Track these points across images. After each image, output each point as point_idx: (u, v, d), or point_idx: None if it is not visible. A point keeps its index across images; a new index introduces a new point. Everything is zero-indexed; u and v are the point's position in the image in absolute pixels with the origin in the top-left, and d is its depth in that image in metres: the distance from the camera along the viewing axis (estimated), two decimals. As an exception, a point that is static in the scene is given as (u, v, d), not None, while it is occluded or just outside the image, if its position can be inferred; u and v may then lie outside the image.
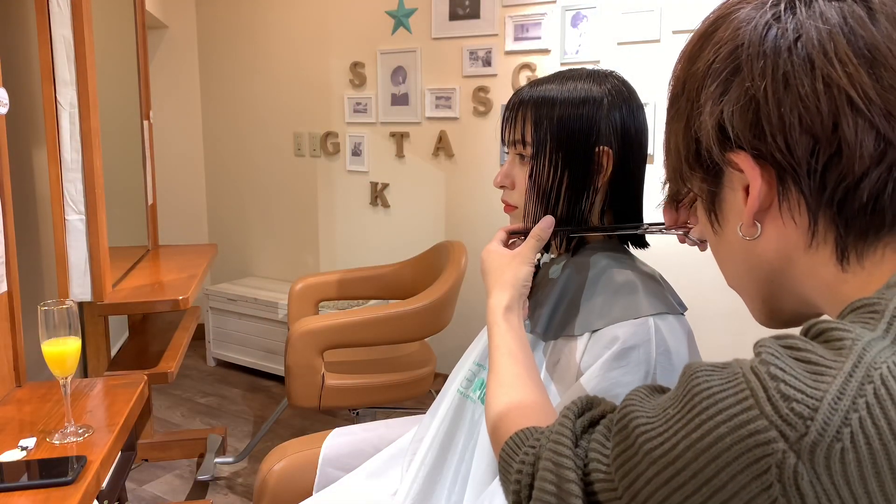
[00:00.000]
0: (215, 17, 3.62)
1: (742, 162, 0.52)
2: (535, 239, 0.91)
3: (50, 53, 1.75)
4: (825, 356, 0.43)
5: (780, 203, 0.52)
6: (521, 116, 0.96)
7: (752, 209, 0.53)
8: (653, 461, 0.48)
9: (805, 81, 0.48)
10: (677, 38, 2.46)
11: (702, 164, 0.56)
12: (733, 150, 0.52)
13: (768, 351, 0.44)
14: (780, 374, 0.43)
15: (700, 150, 0.55)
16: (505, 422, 0.71)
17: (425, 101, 3.04)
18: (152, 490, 2.34)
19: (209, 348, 3.48)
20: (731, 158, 0.52)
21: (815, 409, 0.41)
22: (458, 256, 2.38)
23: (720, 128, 0.52)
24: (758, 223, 0.54)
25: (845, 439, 0.40)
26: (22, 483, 1.08)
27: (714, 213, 0.58)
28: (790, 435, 0.41)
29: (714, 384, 0.45)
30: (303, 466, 1.28)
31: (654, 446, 0.48)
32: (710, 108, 0.53)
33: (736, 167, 0.52)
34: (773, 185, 0.51)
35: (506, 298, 0.87)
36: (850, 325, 0.44)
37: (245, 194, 3.70)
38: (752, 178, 0.51)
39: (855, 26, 0.48)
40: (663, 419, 0.48)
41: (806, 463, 0.41)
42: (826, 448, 0.40)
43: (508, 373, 0.79)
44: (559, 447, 0.58)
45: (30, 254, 2.05)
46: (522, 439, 0.65)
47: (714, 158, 0.54)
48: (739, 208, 0.54)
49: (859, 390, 0.41)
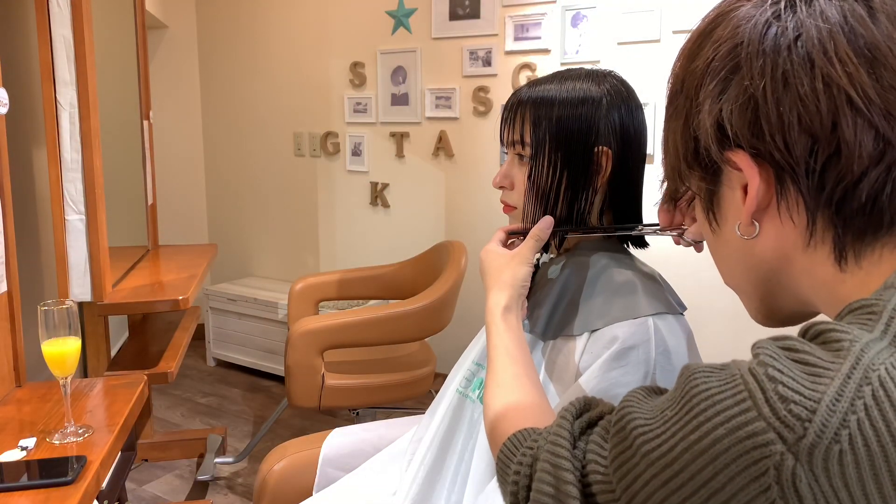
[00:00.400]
0: (215, 17, 3.62)
1: (740, 161, 0.51)
2: (534, 239, 0.91)
3: (50, 53, 1.75)
4: (823, 358, 0.43)
5: (779, 202, 0.52)
6: (519, 117, 0.96)
7: (750, 208, 0.52)
8: (651, 463, 0.47)
9: (804, 80, 0.48)
10: (677, 38, 2.46)
11: (700, 162, 0.55)
12: (732, 148, 0.52)
13: (766, 352, 0.44)
14: (778, 375, 0.42)
15: (698, 148, 0.55)
16: (503, 422, 0.71)
17: (425, 101, 3.04)
18: (152, 490, 2.34)
19: (209, 348, 3.48)
20: (730, 157, 0.52)
21: (813, 411, 0.41)
22: (458, 256, 2.38)
23: (719, 126, 0.52)
24: (756, 222, 0.53)
25: (843, 441, 0.40)
26: (22, 483, 1.08)
27: (712, 211, 0.58)
28: (788, 437, 0.41)
29: (712, 386, 0.45)
30: (303, 466, 1.28)
31: (652, 448, 0.47)
32: (708, 107, 0.52)
33: (734, 166, 0.52)
34: (771, 184, 0.51)
35: (504, 298, 0.87)
36: (848, 326, 0.44)
37: (245, 194, 3.70)
38: (751, 177, 0.51)
39: (855, 25, 0.48)
40: (661, 420, 0.48)
41: (804, 465, 0.40)
42: (824, 450, 0.40)
43: (506, 373, 0.79)
44: (557, 448, 0.58)
45: (30, 254, 2.05)
46: (520, 440, 0.65)
47: (712, 157, 0.54)
48: (738, 207, 0.54)
49: (857, 392, 0.40)
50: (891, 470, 0.40)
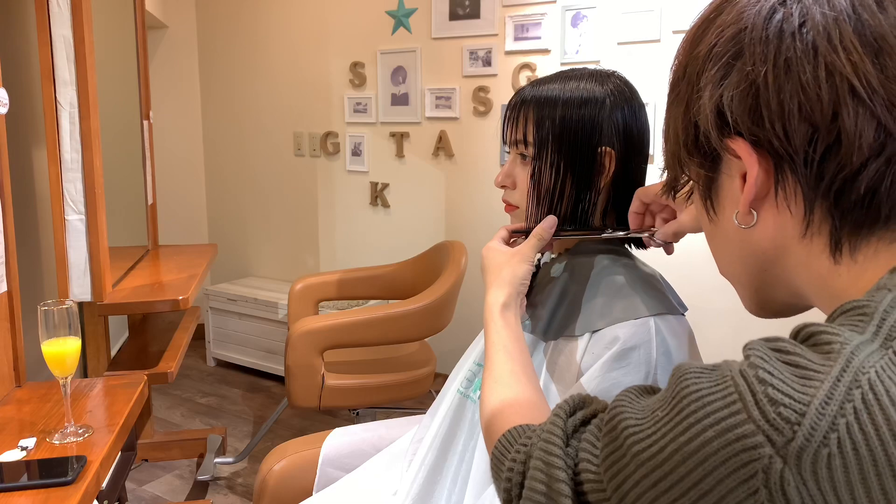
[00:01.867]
0: (215, 17, 3.62)
1: (739, 149, 0.51)
2: (536, 238, 0.91)
3: (50, 53, 1.75)
4: (814, 360, 0.42)
5: (777, 192, 0.51)
6: (522, 116, 0.96)
7: (748, 197, 0.52)
8: (641, 463, 0.47)
9: (807, 68, 0.48)
10: (677, 38, 2.46)
11: (700, 149, 0.55)
12: (731, 136, 0.51)
13: (757, 354, 0.44)
14: (768, 377, 0.42)
15: (698, 135, 0.54)
16: (498, 419, 0.71)
17: (425, 101, 3.04)
18: (152, 490, 2.33)
19: (209, 348, 3.48)
20: (729, 145, 0.52)
21: (803, 414, 0.40)
22: (458, 256, 2.38)
23: (719, 113, 0.51)
24: (754, 211, 0.53)
25: (832, 445, 0.40)
26: (22, 483, 1.08)
27: (710, 199, 0.57)
28: (777, 440, 0.41)
29: (703, 387, 0.45)
30: (303, 466, 1.28)
31: (642, 448, 0.47)
32: (709, 92, 0.52)
33: (733, 153, 0.52)
34: (770, 173, 0.51)
35: (503, 296, 0.87)
36: (839, 328, 0.44)
37: (245, 194, 3.70)
38: (750, 165, 0.51)
39: (863, 13, 0.47)
40: (652, 421, 0.48)
41: (792, 468, 0.40)
42: (813, 453, 0.40)
43: (503, 370, 0.79)
44: (550, 446, 0.58)
45: (30, 254, 2.05)
46: (514, 437, 0.65)
47: (712, 144, 0.53)
48: (736, 196, 0.53)
49: (847, 395, 0.40)
50: (879, 474, 0.39)
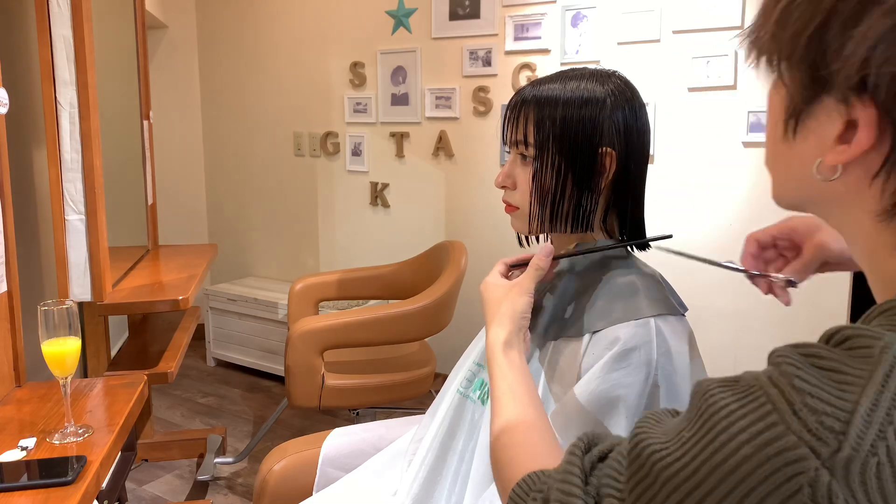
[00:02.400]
0: (215, 17, 3.62)
1: (864, 118, 0.44)
2: (534, 269, 0.89)
3: (50, 53, 1.75)
4: (851, 365, 0.40)
5: (880, 172, 0.45)
6: (523, 116, 0.95)
7: (842, 159, 0.46)
8: (674, 488, 0.44)
9: None
10: (677, 38, 2.46)
11: (812, 67, 0.46)
12: (862, 97, 0.44)
13: (788, 361, 0.42)
14: (805, 386, 0.40)
15: (824, 60, 0.45)
16: (511, 466, 0.67)
17: (425, 101, 3.04)
18: (152, 490, 2.34)
19: (209, 348, 3.48)
20: (855, 103, 0.44)
21: (847, 423, 0.38)
22: (458, 256, 2.38)
23: (862, 66, 0.43)
24: (839, 167, 0.47)
25: (881, 454, 0.38)
26: (22, 483, 1.08)
27: (795, 119, 0.49)
28: (822, 451, 0.38)
29: (730, 401, 0.42)
30: (303, 466, 1.28)
31: (673, 472, 0.44)
32: (863, 34, 0.42)
33: (852, 115, 0.44)
34: (883, 153, 0.44)
35: (504, 333, 0.83)
36: (877, 330, 0.41)
37: (245, 194, 3.70)
38: (864, 138, 0.44)
39: None
40: (679, 442, 0.45)
41: (840, 480, 0.38)
42: (861, 464, 0.38)
43: (511, 412, 0.75)
44: (568, 486, 0.55)
45: (30, 254, 2.05)
46: (530, 485, 0.61)
47: (833, 81, 0.45)
48: (826, 136, 0.47)
49: (893, 401, 0.38)
50: None
